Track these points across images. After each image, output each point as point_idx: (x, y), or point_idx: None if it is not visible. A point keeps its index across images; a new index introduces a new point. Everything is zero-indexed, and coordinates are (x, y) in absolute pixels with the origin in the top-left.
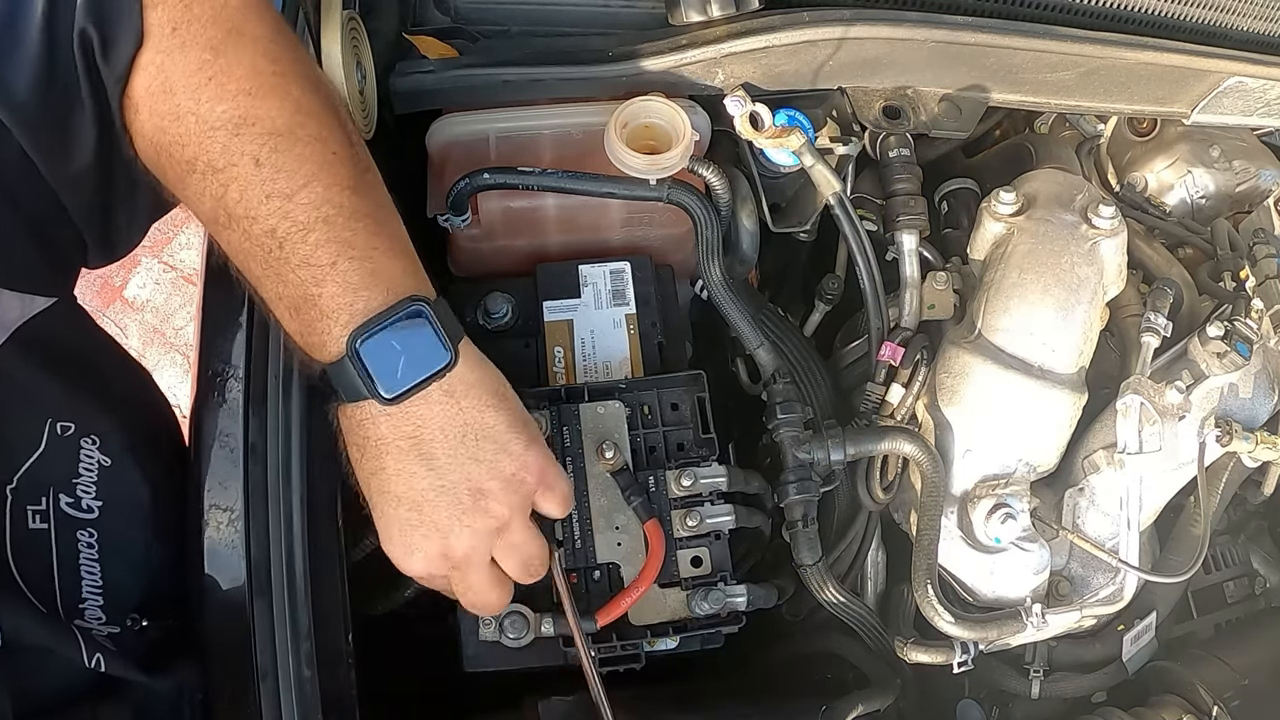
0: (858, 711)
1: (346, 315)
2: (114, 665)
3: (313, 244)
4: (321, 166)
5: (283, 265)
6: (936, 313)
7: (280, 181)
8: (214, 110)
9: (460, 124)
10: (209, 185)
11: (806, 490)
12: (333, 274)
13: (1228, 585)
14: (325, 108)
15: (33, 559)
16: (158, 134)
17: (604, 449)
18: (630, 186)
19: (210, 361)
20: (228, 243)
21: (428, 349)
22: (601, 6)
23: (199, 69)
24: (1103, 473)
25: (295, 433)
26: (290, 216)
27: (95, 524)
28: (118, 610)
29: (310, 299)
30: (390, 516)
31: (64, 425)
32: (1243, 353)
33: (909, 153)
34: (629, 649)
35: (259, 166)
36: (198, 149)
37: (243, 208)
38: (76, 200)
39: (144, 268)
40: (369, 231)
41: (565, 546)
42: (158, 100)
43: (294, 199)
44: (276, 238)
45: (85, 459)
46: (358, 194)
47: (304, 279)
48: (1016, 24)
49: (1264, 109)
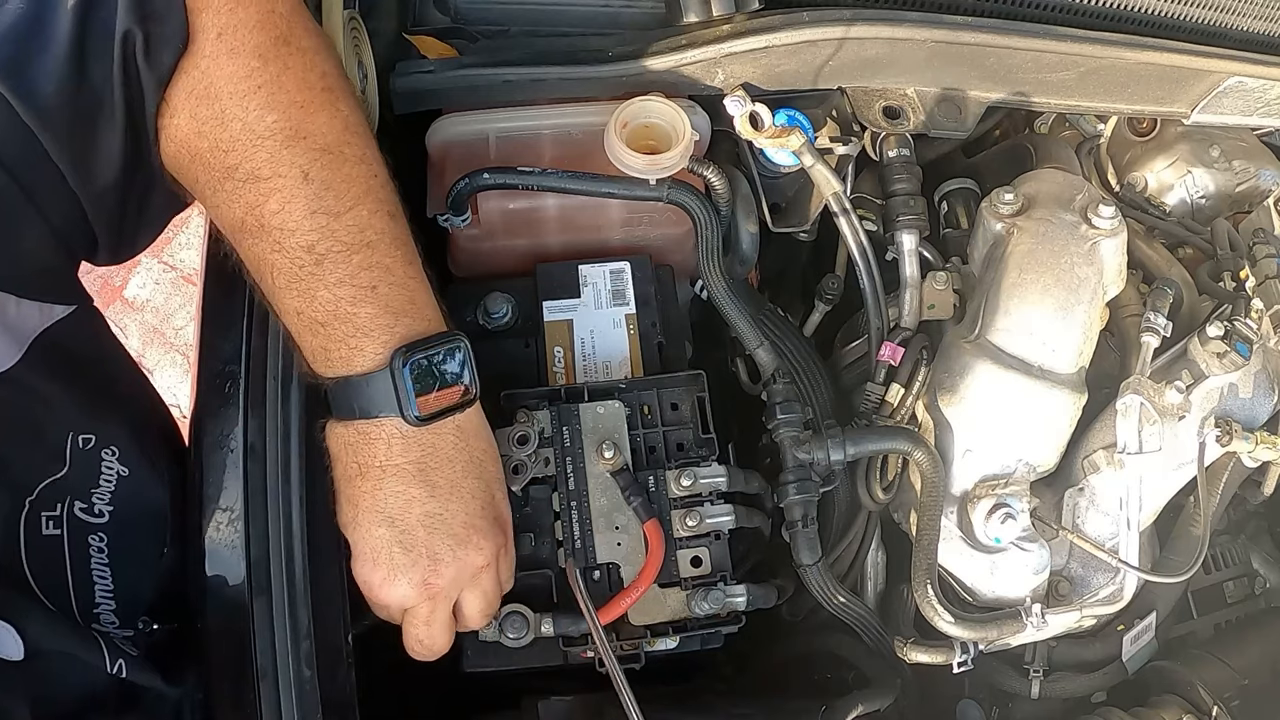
0: (858, 711)
1: (387, 335)
2: (134, 672)
3: (355, 265)
4: (368, 190)
5: (315, 281)
6: (936, 313)
7: (328, 199)
8: (264, 120)
9: (460, 124)
10: (245, 193)
11: (806, 490)
12: (373, 296)
13: (1228, 585)
14: (366, 128)
15: (47, 565)
16: (196, 138)
17: (604, 449)
18: (630, 186)
19: (210, 362)
20: (252, 252)
21: (458, 381)
22: (601, 6)
23: (247, 76)
24: (1103, 473)
25: (295, 433)
26: (334, 235)
27: (104, 528)
28: (130, 613)
29: (344, 316)
30: (378, 539)
31: (85, 438)
32: (1243, 353)
33: (909, 153)
34: (629, 649)
35: (307, 182)
36: (241, 156)
37: (280, 219)
38: (98, 205)
39: (144, 268)
40: (406, 261)
41: (565, 546)
42: (200, 104)
43: (340, 219)
44: (315, 254)
45: (106, 470)
46: (395, 220)
47: (339, 297)
48: (1016, 24)
49: (1264, 109)
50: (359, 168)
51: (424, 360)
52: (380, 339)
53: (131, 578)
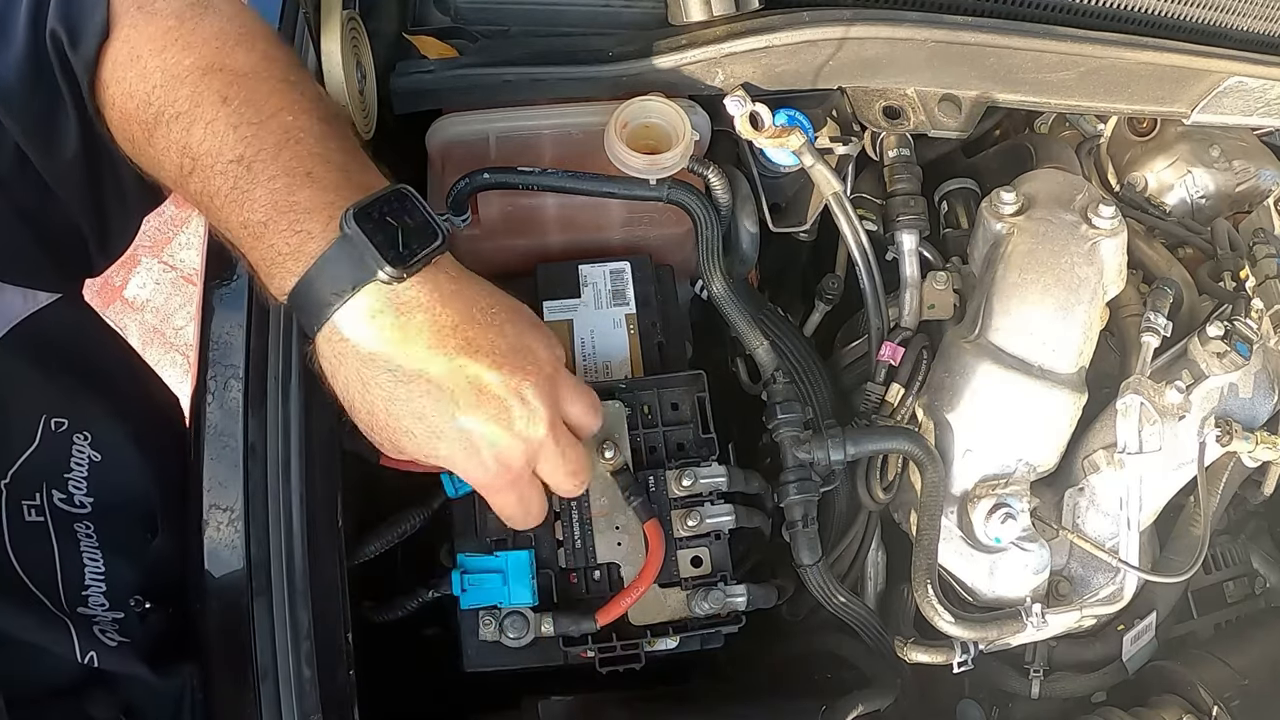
0: (858, 711)
1: (330, 210)
2: (111, 661)
3: (286, 160)
4: (291, 101)
5: (250, 184)
6: (936, 313)
7: (248, 113)
8: (180, 63)
9: (460, 124)
10: (174, 133)
11: (806, 490)
12: (309, 181)
13: (1228, 585)
14: (293, 61)
15: (33, 550)
16: (125, 99)
17: (604, 449)
18: (630, 186)
19: (210, 361)
20: (197, 192)
21: (422, 226)
22: (601, 6)
23: (164, 33)
24: (1103, 473)
25: (295, 433)
26: (260, 140)
27: (90, 518)
28: (120, 594)
29: (284, 207)
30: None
31: (58, 421)
32: (1243, 353)
33: (909, 153)
34: (629, 649)
35: (226, 103)
36: (164, 100)
37: (207, 145)
38: (69, 194)
39: (144, 268)
40: (342, 151)
41: (565, 546)
42: (125, 69)
43: (265, 125)
44: (244, 163)
45: (76, 454)
46: (327, 124)
47: (275, 190)
48: (1016, 24)
49: (1264, 109)
50: (280, 86)
51: (375, 214)
52: (324, 214)
53: (121, 562)
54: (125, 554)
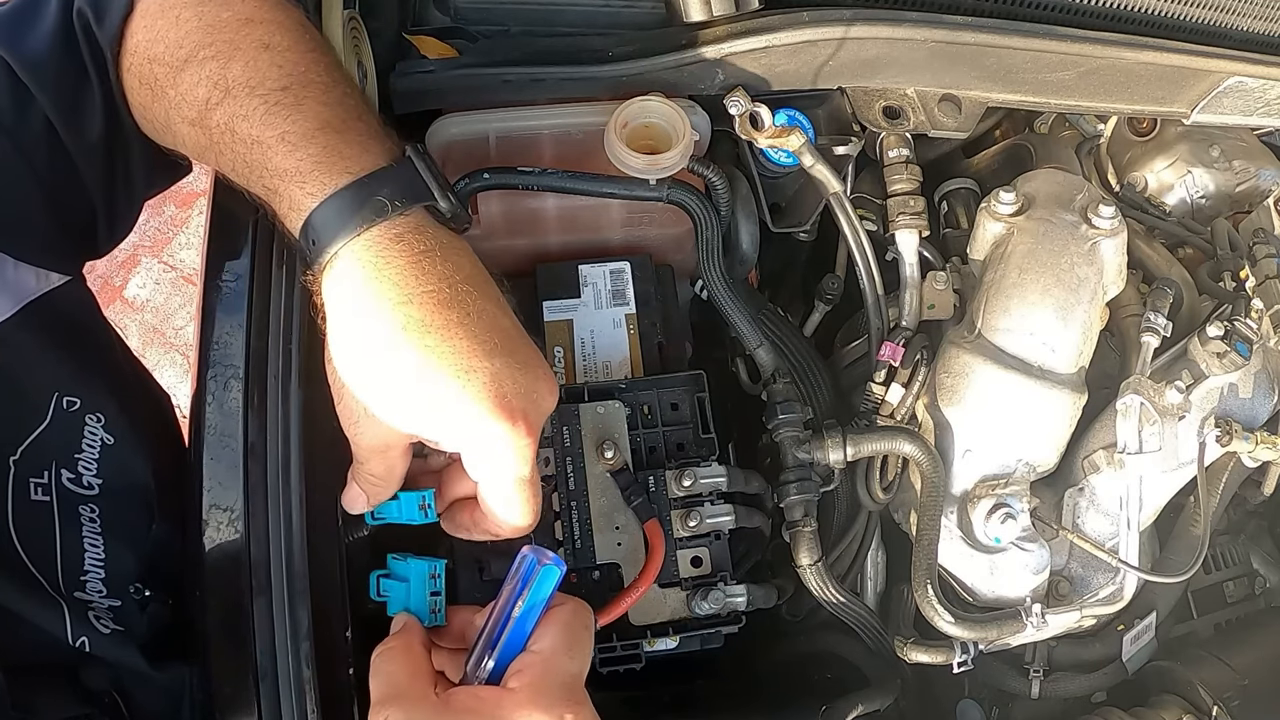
0: (858, 711)
1: (391, 139)
2: (103, 648)
3: (338, 94)
4: (334, 61)
5: (301, 100)
6: (936, 313)
7: (292, 56)
8: (219, 15)
9: (460, 124)
10: (206, 69)
11: (806, 490)
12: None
13: (1228, 585)
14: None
15: (35, 529)
16: (152, 44)
17: (604, 449)
18: (630, 186)
19: (210, 361)
20: (215, 123)
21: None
22: (601, 6)
23: None
24: (1103, 473)
25: (295, 433)
26: (308, 75)
27: (96, 500)
28: (119, 581)
29: (339, 124)
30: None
31: (70, 400)
32: (1243, 353)
33: (909, 153)
34: (629, 649)
35: (268, 50)
36: (199, 42)
37: (247, 75)
38: (91, 173)
39: (144, 268)
40: (367, 108)
41: (565, 546)
42: (156, 17)
43: (311, 68)
44: (291, 91)
45: (89, 434)
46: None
47: (332, 104)
48: (1016, 24)
49: (1264, 109)
50: (319, 44)
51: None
52: (385, 142)
53: (122, 549)
54: (127, 540)
